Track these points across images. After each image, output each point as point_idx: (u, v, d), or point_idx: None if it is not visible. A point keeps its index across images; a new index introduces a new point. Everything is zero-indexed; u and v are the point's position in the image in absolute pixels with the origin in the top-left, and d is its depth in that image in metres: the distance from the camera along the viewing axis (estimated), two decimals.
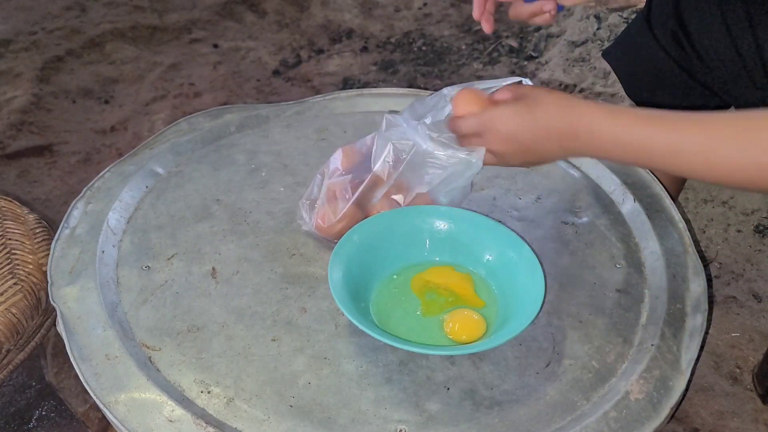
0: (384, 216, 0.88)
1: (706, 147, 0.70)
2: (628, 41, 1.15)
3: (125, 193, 0.99)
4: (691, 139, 0.70)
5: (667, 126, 0.72)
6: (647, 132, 0.73)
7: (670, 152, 0.72)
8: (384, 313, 0.82)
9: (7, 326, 0.89)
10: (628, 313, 0.84)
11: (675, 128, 0.72)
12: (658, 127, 0.72)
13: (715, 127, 0.70)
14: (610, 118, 0.74)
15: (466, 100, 0.84)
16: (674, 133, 0.71)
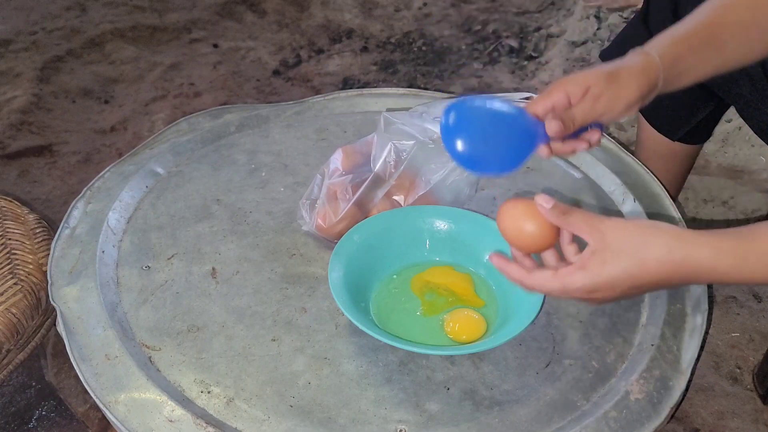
0: (384, 216, 0.88)
1: None
2: (625, 43, 1.14)
3: (125, 193, 0.99)
4: None
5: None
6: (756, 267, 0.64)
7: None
8: (384, 313, 0.82)
9: (7, 326, 0.89)
10: (628, 313, 0.84)
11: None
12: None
13: None
14: (734, 266, 0.64)
15: (517, 226, 0.71)
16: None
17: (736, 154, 1.51)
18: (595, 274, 0.65)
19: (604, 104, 0.76)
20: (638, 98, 0.77)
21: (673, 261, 0.64)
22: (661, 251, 0.64)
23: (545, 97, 0.76)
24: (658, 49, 0.78)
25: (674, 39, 0.80)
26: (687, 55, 0.80)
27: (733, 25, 0.81)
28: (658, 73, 0.78)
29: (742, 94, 0.99)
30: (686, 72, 0.81)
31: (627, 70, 0.77)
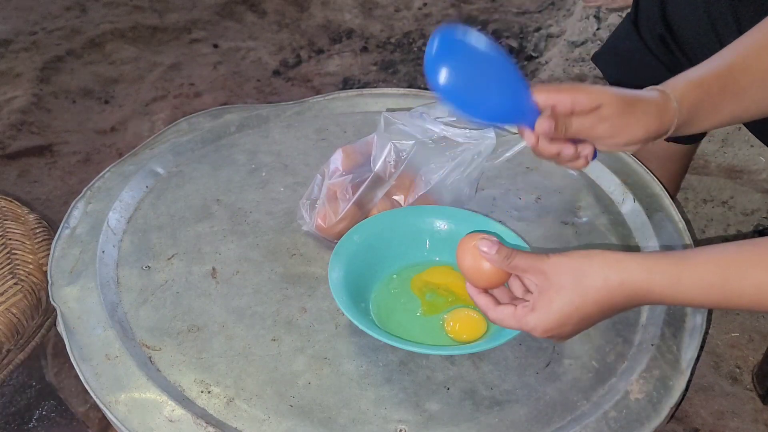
0: (384, 216, 0.88)
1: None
2: (616, 45, 1.14)
3: (125, 193, 0.99)
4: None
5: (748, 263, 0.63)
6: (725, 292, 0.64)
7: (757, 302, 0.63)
8: (384, 313, 0.82)
9: (7, 326, 0.89)
10: (628, 313, 0.83)
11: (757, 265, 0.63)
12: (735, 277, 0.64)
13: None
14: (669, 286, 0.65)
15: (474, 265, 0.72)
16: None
17: (736, 154, 1.51)
18: (545, 314, 0.67)
19: (607, 130, 0.74)
20: (644, 138, 0.75)
21: (611, 287, 0.66)
22: (598, 280, 0.66)
23: (551, 92, 0.74)
24: (677, 93, 0.75)
25: (695, 84, 0.77)
26: (705, 101, 0.76)
27: (758, 71, 0.77)
28: (673, 120, 0.75)
29: None
30: (701, 118, 0.77)
31: (644, 107, 0.74)
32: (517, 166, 1.04)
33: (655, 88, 0.77)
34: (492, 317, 0.71)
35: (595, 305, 0.67)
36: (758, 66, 0.78)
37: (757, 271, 0.62)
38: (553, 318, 0.68)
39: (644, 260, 0.66)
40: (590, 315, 0.68)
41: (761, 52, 0.78)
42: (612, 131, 0.74)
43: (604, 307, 0.67)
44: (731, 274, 0.63)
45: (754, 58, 0.78)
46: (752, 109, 0.80)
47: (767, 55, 0.78)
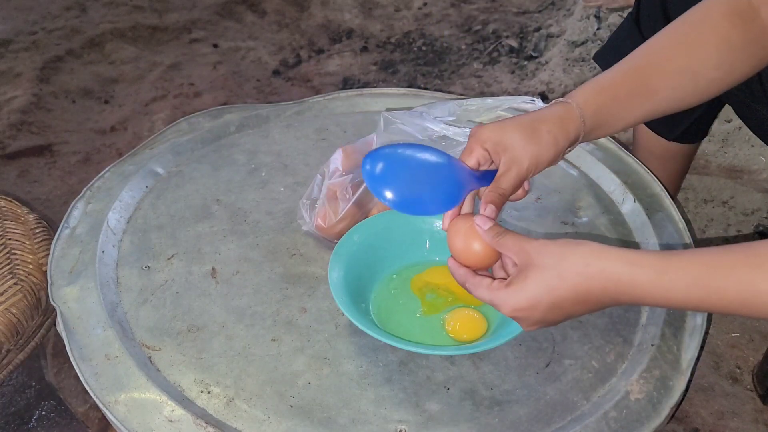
0: (384, 216, 0.88)
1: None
2: (618, 44, 1.14)
3: (125, 193, 0.99)
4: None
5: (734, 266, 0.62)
6: (707, 288, 0.62)
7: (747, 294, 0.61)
8: (384, 313, 0.82)
9: (7, 326, 0.89)
10: (628, 313, 0.84)
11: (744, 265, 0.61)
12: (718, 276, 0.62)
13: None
14: (652, 279, 0.64)
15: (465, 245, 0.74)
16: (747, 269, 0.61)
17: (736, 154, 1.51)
18: (518, 290, 0.67)
19: (525, 167, 0.76)
20: (557, 154, 0.78)
21: (590, 274, 0.65)
22: (578, 265, 0.65)
23: (468, 155, 0.77)
24: (580, 101, 0.78)
25: (599, 89, 0.79)
26: (611, 106, 0.79)
27: (665, 72, 0.80)
28: (579, 127, 0.78)
29: (737, 96, 0.99)
30: (610, 122, 0.80)
31: (546, 126, 0.77)
32: None
33: (559, 100, 0.79)
34: (469, 286, 0.72)
35: (570, 291, 0.66)
36: (669, 67, 0.80)
37: (741, 271, 0.61)
38: (524, 296, 0.67)
39: (629, 253, 0.65)
40: (564, 300, 0.66)
41: (672, 54, 0.80)
42: (531, 167, 0.77)
43: (579, 294, 0.66)
44: (715, 272, 0.62)
45: (665, 60, 0.80)
46: (665, 107, 0.83)
47: (678, 56, 0.80)
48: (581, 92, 0.79)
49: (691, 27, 0.81)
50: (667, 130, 1.19)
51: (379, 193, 0.74)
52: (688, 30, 0.81)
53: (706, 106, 1.13)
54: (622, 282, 0.64)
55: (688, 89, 0.81)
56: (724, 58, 0.80)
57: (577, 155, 1.06)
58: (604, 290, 0.65)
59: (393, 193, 0.74)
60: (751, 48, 0.80)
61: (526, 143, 0.75)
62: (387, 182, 0.75)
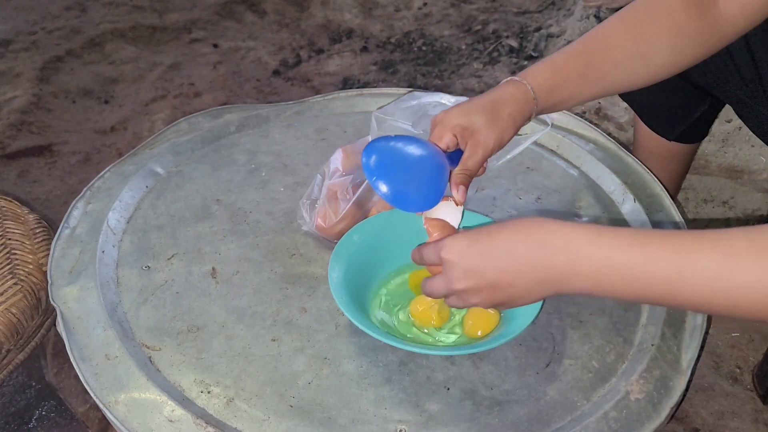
0: (384, 216, 0.88)
1: (721, 271, 0.57)
2: None
3: (125, 193, 0.99)
4: (702, 261, 0.57)
5: (670, 247, 0.59)
6: (646, 255, 0.59)
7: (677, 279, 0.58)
8: (384, 313, 0.82)
9: (7, 326, 0.89)
10: (628, 313, 0.84)
11: (681, 249, 0.58)
12: (660, 249, 0.59)
13: (730, 247, 0.57)
14: (594, 241, 0.61)
15: (437, 224, 0.78)
16: (681, 255, 0.58)
17: (736, 154, 1.51)
18: (461, 234, 0.69)
19: (491, 148, 0.80)
20: (515, 132, 0.82)
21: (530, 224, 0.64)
22: (521, 220, 0.66)
23: (437, 141, 0.80)
24: (534, 84, 0.81)
25: (552, 71, 0.83)
26: (562, 86, 0.83)
27: (616, 57, 0.82)
28: (533, 108, 0.82)
29: (737, 95, 0.99)
30: (561, 102, 0.84)
31: (508, 109, 0.80)
32: (517, 166, 1.05)
33: (514, 79, 0.82)
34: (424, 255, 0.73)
35: (507, 234, 0.65)
36: (620, 53, 0.82)
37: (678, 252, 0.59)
38: (464, 236, 0.68)
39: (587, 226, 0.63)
40: (496, 245, 0.65)
41: (624, 39, 0.83)
42: (495, 146, 0.80)
43: (514, 240, 0.64)
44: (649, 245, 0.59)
45: (615, 45, 0.83)
46: (616, 88, 0.86)
47: (630, 41, 0.82)
48: (536, 74, 0.83)
49: (645, 13, 0.83)
50: (667, 130, 1.19)
51: (378, 189, 0.78)
52: (642, 15, 0.83)
53: (707, 106, 1.14)
54: (558, 237, 0.63)
55: (638, 73, 0.84)
56: (675, 46, 0.82)
57: (577, 155, 1.06)
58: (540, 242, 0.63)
59: (390, 190, 0.78)
60: (704, 36, 0.82)
61: (491, 127, 0.79)
62: (384, 179, 0.78)
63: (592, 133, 1.09)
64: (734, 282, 0.56)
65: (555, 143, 1.09)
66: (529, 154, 1.06)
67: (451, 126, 0.80)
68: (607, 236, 0.61)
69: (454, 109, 0.81)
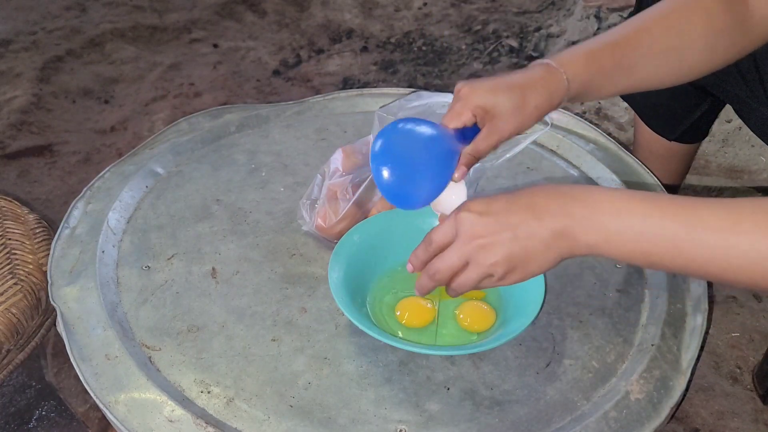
0: (384, 216, 0.88)
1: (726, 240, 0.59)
2: None
3: (125, 193, 0.99)
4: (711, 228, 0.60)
5: (680, 207, 0.61)
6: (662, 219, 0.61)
7: (685, 237, 0.60)
8: (384, 312, 0.82)
9: (7, 326, 0.89)
10: (628, 313, 0.84)
11: (688, 208, 0.61)
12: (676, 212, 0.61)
13: (739, 216, 0.59)
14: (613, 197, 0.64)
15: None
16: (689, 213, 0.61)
17: (736, 154, 1.51)
18: (481, 198, 0.69)
19: (507, 135, 0.78)
20: (537, 119, 0.79)
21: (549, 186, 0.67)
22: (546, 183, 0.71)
23: (455, 118, 0.77)
24: (570, 73, 0.78)
25: (587, 59, 0.79)
26: (596, 76, 0.79)
27: (651, 50, 0.80)
28: (563, 96, 0.78)
29: (738, 95, 0.99)
30: (591, 92, 0.81)
31: (535, 100, 0.77)
32: (517, 166, 1.05)
33: (543, 62, 0.79)
34: (433, 235, 0.72)
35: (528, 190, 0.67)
36: (649, 43, 0.80)
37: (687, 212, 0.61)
38: (481, 198, 0.69)
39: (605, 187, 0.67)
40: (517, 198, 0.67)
41: (653, 30, 0.81)
42: (512, 132, 0.78)
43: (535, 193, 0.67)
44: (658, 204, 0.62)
45: (646, 35, 0.81)
46: (644, 82, 0.83)
47: (665, 37, 0.81)
48: (573, 62, 0.79)
49: (681, 8, 0.82)
50: (667, 130, 1.19)
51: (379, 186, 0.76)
52: (677, 10, 0.82)
53: (707, 106, 1.14)
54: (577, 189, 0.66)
55: (670, 70, 0.83)
56: (710, 42, 0.81)
57: (577, 155, 1.06)
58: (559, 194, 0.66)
59: (390, 190, 0.76)
60: (736, 35, 0.81)
61: (514, 114, 0.76)
62: (386, 176, 0.76)
63: (592, 133, 1.09)
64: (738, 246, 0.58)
65: (555, 143, 1.09)
66: (529, 154, 1.06)
67: (473, 105, 0.76)
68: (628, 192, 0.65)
69: (480, 86, 0.77)
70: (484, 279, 0.69)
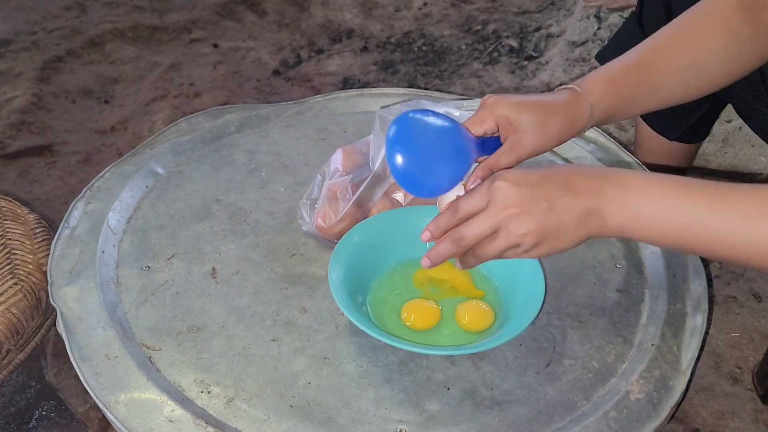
0: (384, 216, 0.88)
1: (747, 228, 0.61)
2: (621, 43, 1.14)
3: (125, 193, 0.99)
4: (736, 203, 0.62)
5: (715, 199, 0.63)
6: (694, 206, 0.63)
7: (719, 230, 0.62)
8: (384, 312, 0.82)
9: (7, 326, 0.89)
10: (628, 313, 0.84)
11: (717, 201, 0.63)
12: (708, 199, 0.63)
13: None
14: (642, 174, 0.66)
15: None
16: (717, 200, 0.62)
17: (736, 154, 1.51)
18: (516, 169, 0.70)
19: (528, 153, 0.78)
20: (558, 142, 0.79)
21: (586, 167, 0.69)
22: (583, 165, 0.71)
23: (478, 124, 0.77)
24: (593, 100, 0.78)
25: (611, 86, 0.79)
26: (620, 101, 0.80)
27: (671, 67, 0.80)
28: (586, 122, 0.79)
29: (739, 94, 0.99)
30: (613, 117, 0.81)
31: (558, 122, 0.77)
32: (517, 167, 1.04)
33: (568, 87, 0.79)
34: (462, 204, 0.71)
35: (564, 167, 0.69)
36: (676, 63, 0.80)
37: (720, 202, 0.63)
38: (516, 169, 0.70)
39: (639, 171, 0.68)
40: (553, 173, 0.68)
41: (675, 49, 0.81)
42: (532, 151, 0.78)
43: (572, 171, 0.68)
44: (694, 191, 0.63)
45: (670, 55, 0.81)
46: (667, 101, 0.83)
47: (685, 50, 0.80)
48: (596, 89, 0.79)
49: (699, 20, 0.81)
50: (668, 130, 1.19)
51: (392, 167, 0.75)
52: (696, 23, 0.81)
53: (709, 106, 1.14)
54: (612, 172, 0.67)
55: (692, 83, 0.82)
56: (730, 53, 0.80)
57: (577, 155, 1.06)
58: (594, 174, 0.67)
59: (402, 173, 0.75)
60: (757, 42, 0.81)
61: (536, 132, 0.76)
62: (400, 159, 0.75)
63: (592, 133, 1.09)
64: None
65: None
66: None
67: (497, 114, 0.76)
68: (656, 177, 0.66)
69: (507, 99, 0.77)
70: (510, 249, 0.69)
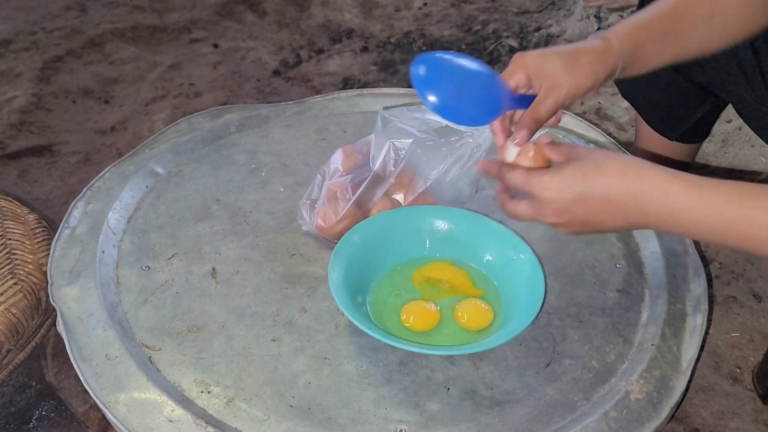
0: (384, 216, 0.88)
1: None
2: None
3: (125, 193, 0.99)
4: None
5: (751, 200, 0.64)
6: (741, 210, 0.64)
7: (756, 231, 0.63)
8: (383, 312, 0.82)
9: (7, 326, 0.89)
10: (628, 313, 0.84)
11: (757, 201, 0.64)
12: (753, 202, 0.64)
13: None
14: (686, 191, 0.66)
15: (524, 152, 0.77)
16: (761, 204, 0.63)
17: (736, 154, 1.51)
18: (554, 173, 0.70)
19: (564, 93, 0.77)
20: (595, 84, 0.79)
21: (629, 175, 0.67)
22: (619, 163, 0.68)
23: (508, 77, 0.78)
24: (620, 37, 0.79)
25: (636, 26, 0.81)
26: (647, 43, 0.81)
27: (696, 16, 0.81)
28: (618, 62, 0.79)
29: (740, 94, 0.99)
30: (644, 60, 0.82)
31: (587, 57, 0.78)
32: None
33: (598, 34, 0.80)
34: (506, 176, 0.75)
35: (603, 185, 0.68)
36: (700, 12, 0.81)
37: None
38: (558, 178, 0.70)
39: (666, 169, 0.67)
40: (593, 193, 0.68)
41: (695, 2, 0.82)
42: (568, 95, 0.78)
43: (612, 191, 0.68)
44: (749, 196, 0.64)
45: (697, 4, 0.82)
46: (693, 49, 0.84)
47: (708, 3, 0.82)
48: (621, 27, 0.80)
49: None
50: (669, 130, 1.19)
51: (425, 97, 0.74)
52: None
53: (709, 106, 1.14)
54: (656, 189, 0.66)
55: (714, 35, 0.83)
56: (749, 8, 0.82)
57: None
58: (636, 192, 0.67)
59: (438, 99, 0.74)
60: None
61: (567, 72, 0.77)
62: (433, 88, 0.74)
63: (592, 133, 1.09)
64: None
65: None
66: None
67: (524, 64, 0.77)
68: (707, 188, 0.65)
69: (532, 52, 0.78)
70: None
